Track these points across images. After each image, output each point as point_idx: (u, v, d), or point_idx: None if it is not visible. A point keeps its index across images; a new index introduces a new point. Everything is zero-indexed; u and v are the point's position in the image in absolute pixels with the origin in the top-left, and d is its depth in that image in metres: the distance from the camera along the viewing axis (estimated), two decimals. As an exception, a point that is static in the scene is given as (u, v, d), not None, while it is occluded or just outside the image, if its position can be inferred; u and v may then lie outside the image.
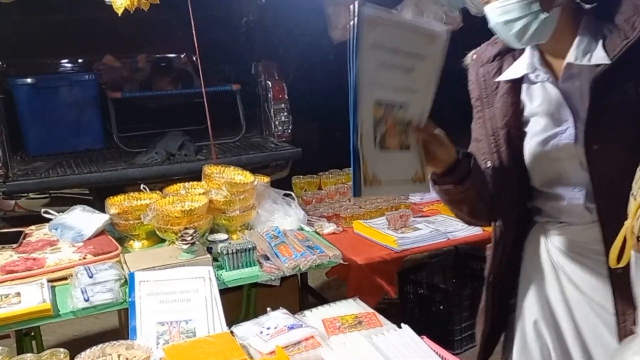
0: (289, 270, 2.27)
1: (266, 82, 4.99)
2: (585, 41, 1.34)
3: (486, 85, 1.53)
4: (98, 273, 2.13)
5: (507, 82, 1.48)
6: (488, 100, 1.52)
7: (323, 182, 3.17)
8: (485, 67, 1.53)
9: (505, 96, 1.48)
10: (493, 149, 1.50)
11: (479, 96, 1.55)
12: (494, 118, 1.50)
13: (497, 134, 1.49)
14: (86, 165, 4.39)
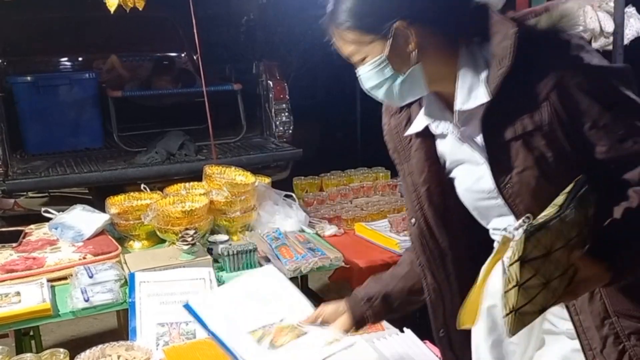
0: (290, 272, 2.25)
1: (267, 81, 4.98)
2: (467, 79, 1.25)
3: (400, 138, 1.44)
4: (98, 273, 2.12)
5: (418, 136, 1.39)
6: (405, 154, 1.43)
7: (324, 183, 3.15)
8: (395, 117, 1.44)
9: (419, 151, 1.40)
10: (416, 206, 1.42)
11: (395, 149, 1.46)
12: (413, 174, 1.42)
13: (418, 191, 1.41)
14: (86, 165, 4.38)
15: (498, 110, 1.21)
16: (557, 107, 1.16)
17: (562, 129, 1.18)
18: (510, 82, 1.18)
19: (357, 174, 3.21)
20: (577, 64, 1.17)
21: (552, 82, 1.16)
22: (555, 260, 1.04)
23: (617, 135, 1.16)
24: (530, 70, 1.19)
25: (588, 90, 1.16)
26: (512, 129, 1.20)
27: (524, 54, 1.18)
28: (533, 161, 1.20)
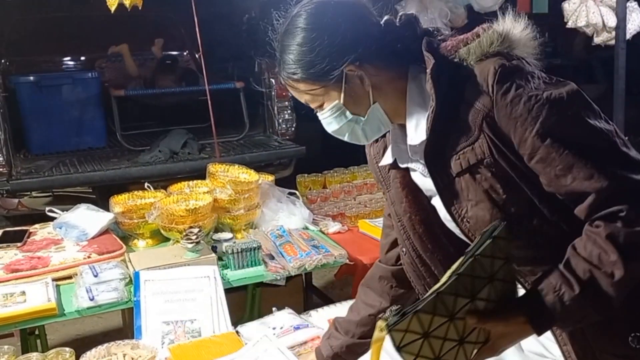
0: (295, 269, 2.26)
1: (270, 79, 4.97)
2: (414, 115, 1.23)
3: (380, 169, 1.42)
4: (103, 272, 2.12)
5: (392, 167, 1.36)
6: (385, 184, 1.42)
7: (328, 180, 3.15)
8: (373, 147, 1.43)
9: (395, 181, 1.37)
10: (403, 235, 1.39)
11: (378, 179, 1.45)
12: (395, 203, 1.39)
13: (402, 221, 1.37)
14: (89, 164, 4.39)
15: (438, 146, 1.20)
16: (493, 138, 1.14)
17: (505, 159, 1.14)
18: (444, 118, 1.17)
19: (360, 170, 3.21)
20: (506, 93, 1.11)
21: (482, 115, 1.14)
22: (443, 333, 1.04)
23: (554, 171, 1.10)
24: (461, 103, 1.16)
25: (518, 122, 1.10)
26: (457, 163, 1.19)
27: (452, 89, 1.16)
28: (483, 194, 1.17)
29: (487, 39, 1.18)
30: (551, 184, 1.12)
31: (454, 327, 1.05)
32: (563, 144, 1.09)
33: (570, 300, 1.09)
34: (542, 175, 1.12)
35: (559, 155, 1.09)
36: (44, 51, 5.47)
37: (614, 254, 1.07)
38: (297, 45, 1.23)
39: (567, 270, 1.10)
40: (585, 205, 1.10)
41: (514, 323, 1.11)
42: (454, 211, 1.22)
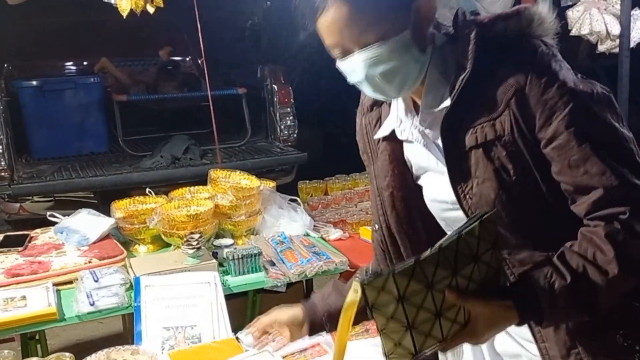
0: (295, 276, 2.25)
1: (272, 85, 4.99)
2: (432, 87, 1.20)
3: (368, 139, 1.37)
4: (103, 277, 2.12)
5: (384, 139, 1.32)
6: (372, 156, 1.37)
7: (329, 187, 3.15)
8: (366, 116, 1.38)
9: (384, 154, 1.32)
10: (379, 210, 1.36)
11: (364, 150, 1.40)
12: (378, 177, 1.35)
13: (382, 195, 1.34)
14: (91, 169, 4.40)
15: (459, 116, 1.16)
16: (517, 116, 1.11)
17: (524, 140, 1.12)
18: (472, 88, 1.14)
19: (362, 177, 3.20)
20: (543, 74, 1.10)
21: (513, 90, 1.11)
22: (419, 301, 1.02)
23: (568, 160, 1.09)
24: (493, 77, 1.13)
25: (548, 104, 1.09)
26: (472, 136, 1.15)
27: (487, 60, 1.13)
28: (493, 172, 1.14)
29: (527, 18, 1.16)
30: (562, 172, 1.11)
31: (431, 298, 1.03)
32: (584, 135, 1.09)
33: (561, 289, 1.07)
34: (555, 162, 1.11)
35: (578, 145, 1.09)
36: (47, 56, 5.50)
37: (610, 252, 1.06)
38: None
39: (560, 262, 1.09)
40: (589, 200, 1.09)
41: (497, 306, 1.08)
42: (459, 186, 1.19)
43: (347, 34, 1.14)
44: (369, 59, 1.15)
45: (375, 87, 1.20)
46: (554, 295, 1.07)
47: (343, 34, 1.15)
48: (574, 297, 1.08)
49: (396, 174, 1.32)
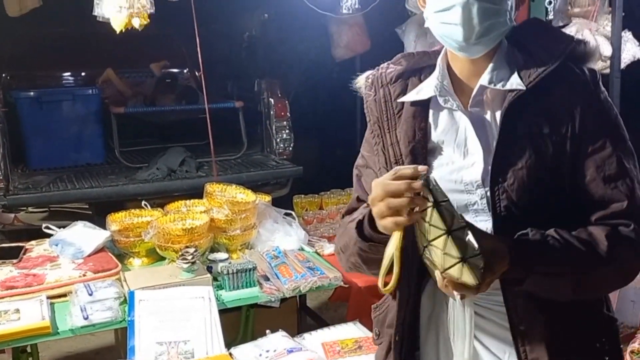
0: (289, 291, 2.26)
1: (269, 99, 5.01)
2: (499, 67, 1.25)
3: (387, 108, 1.36)
4: (98, 291, 2.13)
5: (412, 105, 1.33)
6: (389, 124, 1.35)
7: (324, 201, 3.16)
8: (385, 88, 1.37)
9: (410, 119, 1.32)
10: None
11: (378, 119, 1.37)
12: (396, 145, 1.33)
13: (401, 163, 1.31)
14: (87, 180, 4.39)
15: (526, 102, 1.22)
16: (577, 120, 1.21)
17: (571, 144, 1.21)
18: (546, 83, 1.22)
19: (357, 192, 3.22)
20: (604, 97, 1.25)
21: (582, 97, 1.22)
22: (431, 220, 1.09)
23: (604, 173, 1.21)
24: (567, 79, 1.23)
25: (604, 122, 1.23)
26: (527, 125, 1.22)
27: (566, 66, 1.23)
28: (532, 164, 1.20)
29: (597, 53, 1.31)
30: (593, 183, 1.21)
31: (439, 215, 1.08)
32: (622, 155, 1.22)
33: (554, 242, 1.15)
34: (589, 171, 1.21)
35: (617, 163, 1.21)
36: (45, 66, 5.50)
37: (604, 246, 1.16)
38: None
39: (556, 231, 1.18)
40: (607, 211, 1.20)
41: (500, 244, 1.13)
42: (498, 167, 1.22)
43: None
44: (477, 6, 1.18)
45: (465, 18, 1.19)
46: (547, 246, 1.15)
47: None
48: (566, 257, 1.16)
49: (422, 141, 1.31)
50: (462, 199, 1.27)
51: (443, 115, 1.32)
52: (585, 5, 3.57)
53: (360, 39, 5.21)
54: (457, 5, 1.19)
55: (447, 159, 1.30)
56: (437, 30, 1.25)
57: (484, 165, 1.25)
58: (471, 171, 1.25)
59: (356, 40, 5.20)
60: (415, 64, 1.36)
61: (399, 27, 4.44)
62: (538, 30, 1.31)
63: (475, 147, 1.26)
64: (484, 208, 1.26)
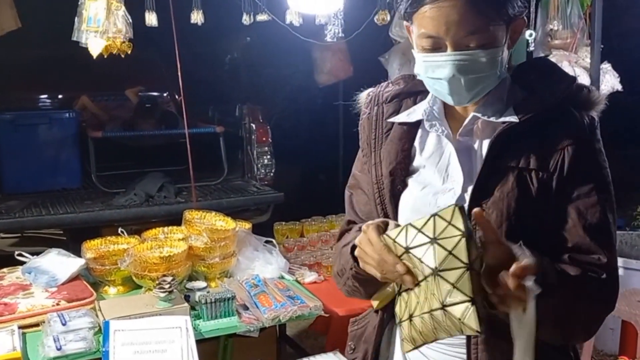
0: (269, 321, 2.22)
1: (250, 124, 5.00)
2: (496, 101, 1.25)
3: (377, 126, 1.38)
4: (72, 320, 2.07)
5: (401, 125, 1.34)
6: (376, 143, 1.37)
7: (305, 229, 3.13)
8: (381, 107, 1.38)
9: (395, 140, 1.34)
10: (377, 198, 1.34)
11: (368, 137, 1.39)
12: (379, 164, 1.35)
13: (381, 183, 1.33)
14: (62, 205, 4.31)
15: (516, 134, 1.21)
16: (566, 161, 1.18)
17: (557, 184, 1.19)
18: (540, 119, 1.20)
19: (338, 219, 3.20)
20: (599, 145, 1.23)
21: (576, 141, 1.19)
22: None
23: (588, 220, 1.18)
24: (564, 120, 1.21)
25: (594, 169, 1.21)
26: (515, 159, 1.20)
27: (563, 106, 1.22)
28: (514, 197, 1.19)
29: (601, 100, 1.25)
30: (572, 230, 1.19)
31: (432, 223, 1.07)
32: (607, 208, 1.20)
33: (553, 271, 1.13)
34: (571, 215, 1.19)
35: (601, 213, 1.19)
36: (22, 89, 5.44)
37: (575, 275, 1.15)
38: None
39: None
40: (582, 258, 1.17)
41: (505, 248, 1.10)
42: (478, 196, 1.21)
43: (454, 30, 1.14)
44: (463, 61, 1.16)
45: (453, 89, 1.20)
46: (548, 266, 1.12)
47: (450, 28, 1.14)
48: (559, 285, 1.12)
49: (403, 163, 1.32)
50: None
51: (431, 138, 1.32)
52: (565, 38, 3.65)
53: (343, 65, 5.26)
54: (444, 80, 1.20)
55: (426, 181, 1.30)
56: (428, 86, 1.27)
57: (462, 192, 1.25)
58: (447, 196, 1.25)
59: (339, 67, 5.24)
60: (413, 87, 1.37)
61: (383, 56, 4.48)
62: (543, 69, 1.30)
63: (457, 174, 1.26)
64: None
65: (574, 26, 3.65)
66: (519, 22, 1.22)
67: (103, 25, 2.69)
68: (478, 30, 1.14)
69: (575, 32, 3.62)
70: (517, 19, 1.21)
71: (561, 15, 3.68)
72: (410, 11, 1.19)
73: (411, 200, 1.30)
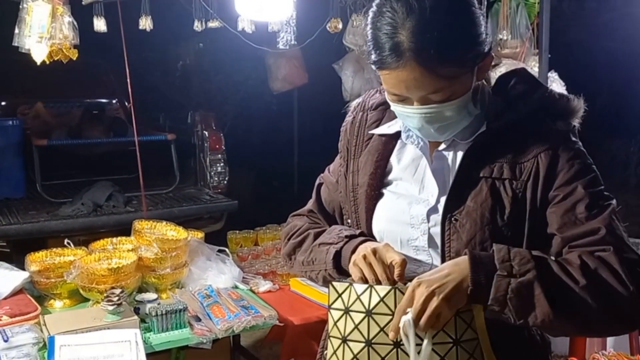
0: (222, 332, 2.17)
1: (203, 132, 4.92)
2: (474, 122, 1.26)
3: (358, 133, 1.40)
4: (14, 336, 1.99)
5: (381, 137, 1.37)
6: (356, 150, 1.39)
7: (260, 237, 3.10)
8: (365, 113, 1.41)
9: (373, 151, 1.36)
10: (352, 206, 1.38)
11: (348, 142, 1.42)
12: (356, 173, 1.38)
13: (356, 192, 1.36)
14: (5, 216, 4.14)
15: (488, 145, 1.22)
16: (540, 168, 1.18)
17: (532, 192, 1.19)
18: (511, 129, 1.21)
19: (292, 227, 3.17)
20: (574, 146, 1.22)
21: (547, 147, 1.19)
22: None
23: (575, 216, 1.17)
24: (538, 129, 1.21)
25: (575, 164, 1.19)
26: (489, 168, 1.21)
27: (537, 115, 1.22)
28: (489, 207, 1.20)
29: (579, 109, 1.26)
30: (564, 227, 1.17)
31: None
32: (598, 197, 1.19)
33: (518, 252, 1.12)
34: (560, 217, 1.17)
35: (590, 203, 1.17)
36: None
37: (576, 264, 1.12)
38: (461, 19, 1.15)
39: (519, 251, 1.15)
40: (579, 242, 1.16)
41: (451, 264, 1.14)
42: (452, 205, 1.22)
43: (415, 91, 1.17)
44: (430, 114, 1.19)
45: (424, 134, 1.25)
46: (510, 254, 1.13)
47: (410, 90, 1.17)
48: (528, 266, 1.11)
49: (378, 174, 1.35)
50: (405, 232, 1.29)
51: (409, 150, 1.34)
52: (514, 47, 3.73)
53: (298, 72, 5.25)
54: (415, 128, 1.25)
55: (403, 190, 1.32)
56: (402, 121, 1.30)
57: (435, 203, 1.26)
58: (420, 206, 1.28)
59: (294, 74, 5.23)
60: None
61: (336, 63, 4.49)
62: (518, 80, 1.30)
63: (432, 185, 1.28)
64: (424, 245, 1.27)
65: (522, 36, 3.74)
66: (486, 61, 1.22)
67: (48, 31, 2.60)
68: (440, 90, 1.16)
69: (524, 42, 3.71)
70: (484, 59, 1.21)
71: (510, 25, 3.76)
72: (375, 67, 1.20)
73: (386, 209, 1.33)
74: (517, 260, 1.11)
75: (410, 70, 1.13)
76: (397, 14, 1.13)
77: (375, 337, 1.16)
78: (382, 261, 1.22)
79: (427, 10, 1.11)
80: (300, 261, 1.43)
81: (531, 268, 1.10)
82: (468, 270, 1.12)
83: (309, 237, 1.43)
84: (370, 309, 1.17)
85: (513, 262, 1.11)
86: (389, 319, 1.16)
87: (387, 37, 1.13)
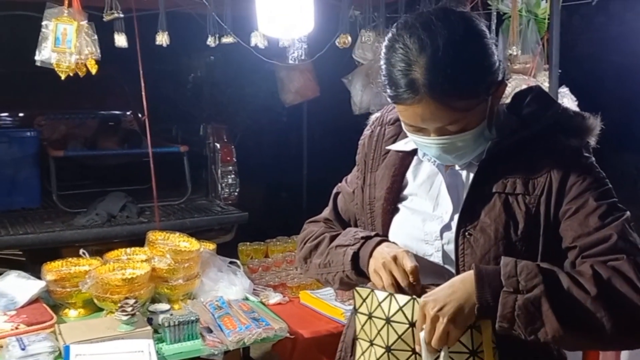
0: (233, 344, 2.21)
1: (214, 144, 4.98)
2: (480, 128, 1.26)
3: (376, 147, 1.43)
4: (31, 345, 2.03)
5: (398, 152, 1.39)
6: (373, 164, 1.42)
7: (270, 249, 3.13)
8: (383, 127, 1.44)
9: (390, 166, 1.39)
10: (368, 219, 1.40)
11: (365, 156, 1.45)
12: (373, 186, 1.40)
13: (373, 205, 1.39)
14: (21, 226, 4.20)
15: (502, 161, 1.24)
16: (553, 183, 1.20)
17: (546, 207, 1.21)
18: (525, 146, 1.23)
19: (302, 240, 3.20)
20: (587, 163, 1.24)
21: (562, 160, 1.22)
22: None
23: (589, 229, 1.18)
24: (551, 145, 1.23)
25: (587, 178, 1.20)
26: (502, 183, 1.23)
27: (551, 132, 1.24)
28: (503, 222, 1.21)
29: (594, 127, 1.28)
30: (579, 238, 1.18)
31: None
32: (612, 208, 1.20)
33: (525, 266, 1.13)
34: (574, 229, 1.19)
35: (603, 214, 1.18)
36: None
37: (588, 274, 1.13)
38: (473, 53, 1.16)
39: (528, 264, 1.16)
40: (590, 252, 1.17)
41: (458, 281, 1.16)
42: (465, 221, 1.24)
43: (431, 124, 1.19)
44: (446, 144, 1.22)
45: (442, 160, 1.29)
46: (517, 268, 1.13)
47: (426, 123, 1.20)
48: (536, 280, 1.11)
49: (394, 189, 1.37)
50: (420, 248, 1.31)
51: (425, 167, 1.36)
52: (524, 62, 3.74)
53: (311, 84, 5.26)
54: (432, 157, 1.29)
55: (417, 208, 1.34)
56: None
57: (449, 220, 1.29)
58: (434, 223, 1.30)
59: (307, 86, 5.23)
60: None
61: (346, 77, 4.52)
62: (532, 98, 1.32)
63: (446, 203, 1.30)
64: (439, 262, 1.30)
65: (532, 51, 3.76)
66: (500, 89, 1.24)
67: (74, 46, 2.68)
68: (455, 121, 1.18)
69: (534, 57, 3.73)
70: (498, 87, 1.23)
71: (521, 40, 3.78)
72: (391, 101, 1.23)
73: (401, 225, 1.36)
74: (524, 275, 1.11)
75: (425, 105, 1.16)
76: (410, 51, 1.15)
77: (394, 344, 1.21)
78: (402, 268, 1.24)
79: (440, 47, 1.13)
80: (316, 264, 1.45)
81: (538, 283, 1.10)
82: (474, 288, 1.13)
83: (325, 240, 1.46)
84: (389, 317, 1.21)
85: (519, 277, 1.11)
86: (406, 327, 1.20)
87: (402, 73, 1.15)
